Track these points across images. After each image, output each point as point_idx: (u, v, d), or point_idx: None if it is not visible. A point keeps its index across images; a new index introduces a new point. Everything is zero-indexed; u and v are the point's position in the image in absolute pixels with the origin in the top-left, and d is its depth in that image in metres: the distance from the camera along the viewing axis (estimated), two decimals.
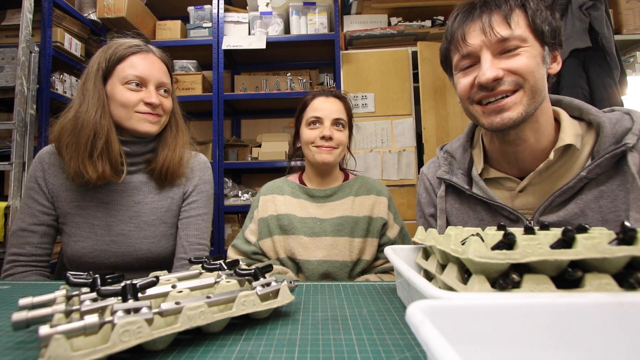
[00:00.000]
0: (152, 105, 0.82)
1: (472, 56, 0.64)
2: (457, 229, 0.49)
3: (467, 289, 0.36)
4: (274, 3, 2.25)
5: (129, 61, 0.81)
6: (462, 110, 2.63)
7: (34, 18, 1.77)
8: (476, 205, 0.72)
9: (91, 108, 0.78)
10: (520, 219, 0.66)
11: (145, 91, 0.82)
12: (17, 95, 1.67)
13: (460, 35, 0.65)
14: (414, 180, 2.25)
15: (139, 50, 0.83)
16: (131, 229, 0.85)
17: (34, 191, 0.83)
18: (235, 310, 0.41)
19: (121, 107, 0.80)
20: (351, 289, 0.59)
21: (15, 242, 0.82)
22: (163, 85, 0.85)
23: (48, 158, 0.85)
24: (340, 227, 0.94)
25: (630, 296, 0.28)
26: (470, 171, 0.75)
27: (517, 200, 0.69)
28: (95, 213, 0.83)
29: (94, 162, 0.77)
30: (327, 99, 1.00)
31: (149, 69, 0.82)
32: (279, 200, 1.00)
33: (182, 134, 0.92)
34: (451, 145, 0.82)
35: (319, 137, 0.96)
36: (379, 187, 1.03)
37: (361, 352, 0.36)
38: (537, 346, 0.27)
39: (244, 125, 2.80)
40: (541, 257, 0.34)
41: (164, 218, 0.89)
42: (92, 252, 0.82)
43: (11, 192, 1.64)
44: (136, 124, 0.81)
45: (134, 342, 0.33)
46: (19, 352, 0.37)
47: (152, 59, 0.84)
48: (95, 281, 0.42)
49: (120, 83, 0.80)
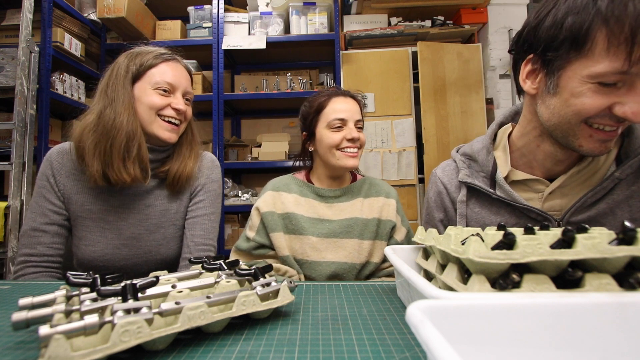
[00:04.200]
0: (178, 111, 0.85)
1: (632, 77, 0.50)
2: (457, 229, 0.49)
3: (467, 289, 0.36)
4: (274, 3, 2.26)
5: (160, 68, 0.84)
6: (461, 111, 2.62)
7: (34, 18, 1.76)
8: (499, 209, 0.70)
9: (123, 112, 0.78)
10: (550, 220, 0.65)
11: (172, 97, 0.85)
12: (17, 95, 1.67)
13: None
14: (413, 180, 2.25)
15: (170, 59, 0.86)
16: (141, 232, 0.85)
17: (45, 189, 0.82)
18: (235, 310, 0.41)
19: (148, 110, 0.82)
20: (351, 289, 0.59)
21: (27, 242, 0.80)
22: (188, 94, 0.88)
23: (57, 159, 0.84)
24: (349, 229, 0.92)
25: (630, 296, 0.28)
26: (493, 174, 0.72)
27: (546, 204, 0.67)
28: (106, 217, 0.83)
29: (127, 165, 0.78)
30: (346, 99, 0.97)
31: (178, 77, 0.85)
32: (286, 198, 0.97)
33: (196, 144, 0.94)
34: (471, 147, 0.78)
35: (345, 139, 0.93)
36: (387, 189, 1.01)
37: (361, 352, 0.36)
38: (537, 346, 0.27)
39: (244, 125, 2.80)
40: (541, 257, 0.34)
41: (174, 220, 0.89)
42: (104, 255, 0.82)
43: (11, 192, 1.64)
44: (158, 130, 0.83)
45: (134, 342, 0.33)
46: (19, 352, 0.37)
47: (180, 69, 0.88)
48: (95, 281, 0.42)
49: (151, 87, 0.82)
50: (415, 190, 2.26)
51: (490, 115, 2.36)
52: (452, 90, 2.29)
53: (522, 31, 0.62)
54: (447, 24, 2.39)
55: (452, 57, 2.31)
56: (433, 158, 2.20)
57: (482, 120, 2.32)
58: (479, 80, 2.33)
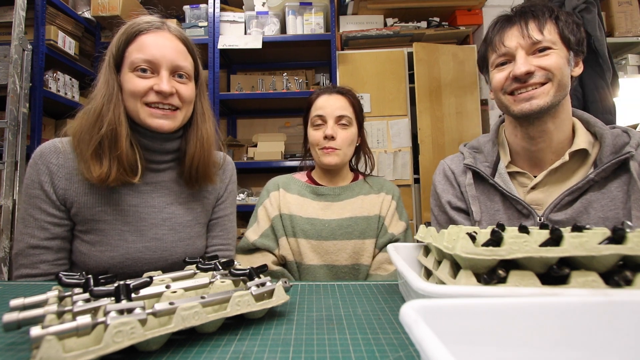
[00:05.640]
0: (162, 94, 0.69)
1: (508, 55, 0.74)
2: (456, 228, 0.50)
3: (455, 283, 0.38)
4: (270, 3, 2.25)
5: (137, 43, 0.69)
6: (456, 112, 2.64)
7: (27, 15, 1.75)
8: (494, 196, 0.79)
9: (99, 98, 0.68)
10: (532, 214, 0.74)
11: (156, 77, 0.69)
12: (9, 94, 1.65)
13: (498, 38, 0.75)
14: (409, 180, 2.26)
15: (148, 28, 0.70)
16: (165, 232, 0.76)
17: (39, 200, 0.70)
18: (230, 311, 0.40)
19: (130, 98, 0.69)
20: (346, 289, 0.59)
21: (27, 261, 0.69)
22: (179, 69, 0.71)
23: (56, 159, 0.71)
24: (350, 229, 0.91)
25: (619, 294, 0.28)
26: (496, 164, 0.81)
27: (528, 196, 0.76)
28: (124, 218, 0.72)
29: (99, 159, 0.67)
30: (330, 95, 0.95)
31: (159, 50, 0.68)
32: (289, 198, 0.96)
33: (209, 129, 0.80)
34: (477, 141, 0.89)
35: (322, 138, 0.92)
36: (389, 185, 1.01)
37: (355, 352, 0.36)
38: (531, 345, 0.27)
39: (239, 125, 2.79)
40: (527, 254, 0.35)
41: (199, 218, 0.82)
42: (124, 261, 0.71)
43: (3, 192, 1.62)
44: (145, 119, 0.69)
45: (127, 342, 0.33)
46: (10, 354, 0.37)
47: (165, 37, 0.71)
48: (88, 282, 0.42)
49: (129, 70, 0.68)
50: (411, 190, 2.27)
51: (485, 116, 2.38)
52: (448, 91, 2.31)
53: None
54: (443, 25, 2.41)
55: (448, 58, 2.32)
56: (428, 158, 2.21)
57: (477, 121, 2.33)
58: (474, 82, 2.34)
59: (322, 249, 0.90)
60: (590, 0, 1.70)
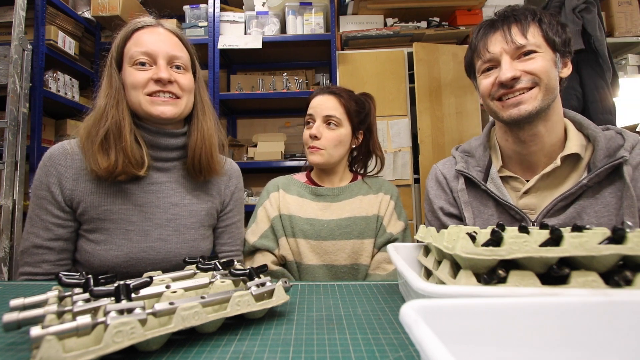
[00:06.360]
0: (162, 82, 0.72)
1: (493, 61, 0.73)
2: (456, 228, 0.50)
3: (455, 283, 0.38)
4: (270, 3, 2.25)
5: (133, 39, 0.74)
6: (456, 112, 2.64)
7: (26, 15, 1.74)
8: (487, 201, 0.78)
9: (102, 97, 0.72)
10: (525, 220, 0.72)
11: (155, 68, 0.73)
12: (9, 94, 1.65)
13: (482, 44, 0.74)
14: (409, 180, 2.26)
15: (144, 26, 0.75)
16: (170, 233, 0.77)
17: (46, 201, 0.72)
18: (230, 311, 0.40)
19: (132, 91, 0.73)
20: (346, 289, 0.59)
21: (30, 260, 0.72)
22: (176, 59, 0.76)
23: (64, 160, 0.74)
24: (349, 229, 0.91)
25: (619, 294, 0.28)
26: (488, 168, 0.80)
27: (521, 201, 0.75)
28: (129, 217, 0.74)
29: (105, 151, 0.70)
30: (322, 96, 0.96)
31: (155, 42, 0.73)
32: (289, 198, 0.97)
33: (209, 121, 0.83)
34: (469, 144, 0.88)
35: (309, 137, 0.94)
36: (387, 185, 1.01)
37: (355, 352, 0.36)
38: (531, 345, 0.27)
39: (239, 125, 2.78)
40: (527, 254, 0.35)
41: (203, 221, 0.83)
42: (128, 260, 0.73)
43: (3, 192, 1.62)
44: (147, 107, 0.72)
45: (127, 342, 0.33)
46: (9, 354, 0.37)
47: (159, 32, 0.76)
48: (88, 281, 0.42)
49: (129, 65, 0.73)
50: (411, 190, 2.27)
51: (485, 116, 2.37)
52: (448, 91, 2.30)
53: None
54: (443, 25, 2.41)
55: (448, 58, 2.32)
56: (428, 158, 2.21)
57: (477, 121, 2.33)
58: None
59: (321, 249, 0.90)
60: (590, 0, 1.70)
